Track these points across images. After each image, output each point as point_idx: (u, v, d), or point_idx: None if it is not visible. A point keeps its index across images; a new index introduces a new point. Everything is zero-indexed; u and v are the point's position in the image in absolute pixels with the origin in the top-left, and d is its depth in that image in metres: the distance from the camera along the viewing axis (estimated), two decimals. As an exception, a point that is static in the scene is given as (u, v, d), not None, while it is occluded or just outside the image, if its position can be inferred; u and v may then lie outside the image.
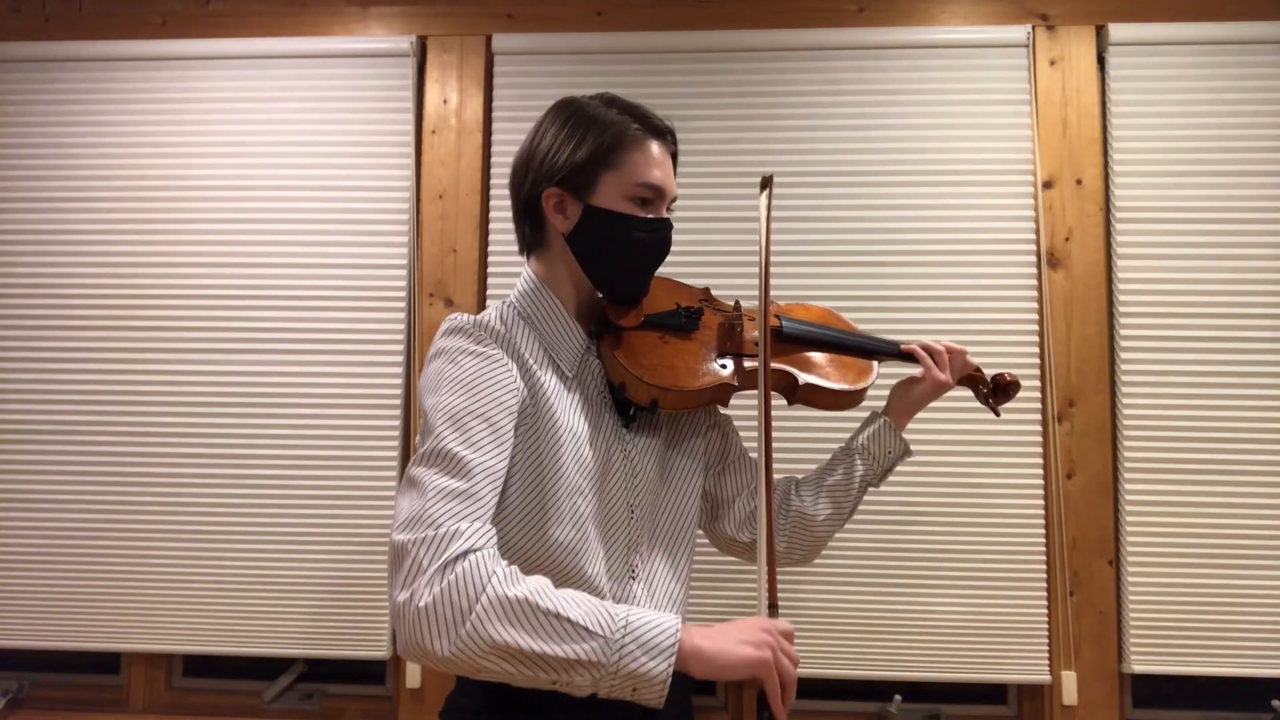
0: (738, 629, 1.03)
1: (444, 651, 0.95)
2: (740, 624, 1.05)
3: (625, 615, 0.99)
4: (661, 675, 0.97)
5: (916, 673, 2.02)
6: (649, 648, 0.97)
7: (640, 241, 1.24)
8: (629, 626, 0.98)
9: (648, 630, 0.98)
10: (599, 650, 0.96)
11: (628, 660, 0.96)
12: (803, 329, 1.40)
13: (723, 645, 1.01)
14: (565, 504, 1.17)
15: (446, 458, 1.06)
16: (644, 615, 1.00)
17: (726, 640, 1.01)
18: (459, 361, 1.14)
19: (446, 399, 1.11)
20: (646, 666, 0.96)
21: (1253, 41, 2.09)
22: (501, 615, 0.96)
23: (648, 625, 0.99)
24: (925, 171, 2.12)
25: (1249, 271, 2.05)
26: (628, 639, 0.97)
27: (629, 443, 1.29)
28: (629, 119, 1.24)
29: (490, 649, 0.96)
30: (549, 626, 0.96)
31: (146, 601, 2.12)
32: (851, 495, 1.41)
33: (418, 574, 0.97)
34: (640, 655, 0.97)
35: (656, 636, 0.98)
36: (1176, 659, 1.99)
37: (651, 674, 0.96)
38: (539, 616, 0.96)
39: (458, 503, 1.02)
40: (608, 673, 0.97)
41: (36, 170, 2.23)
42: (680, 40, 2.18)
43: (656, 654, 0.97)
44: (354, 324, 2.16)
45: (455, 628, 0.95)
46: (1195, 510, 2.01)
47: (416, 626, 0.96)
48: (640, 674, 0.96)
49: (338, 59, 2.23)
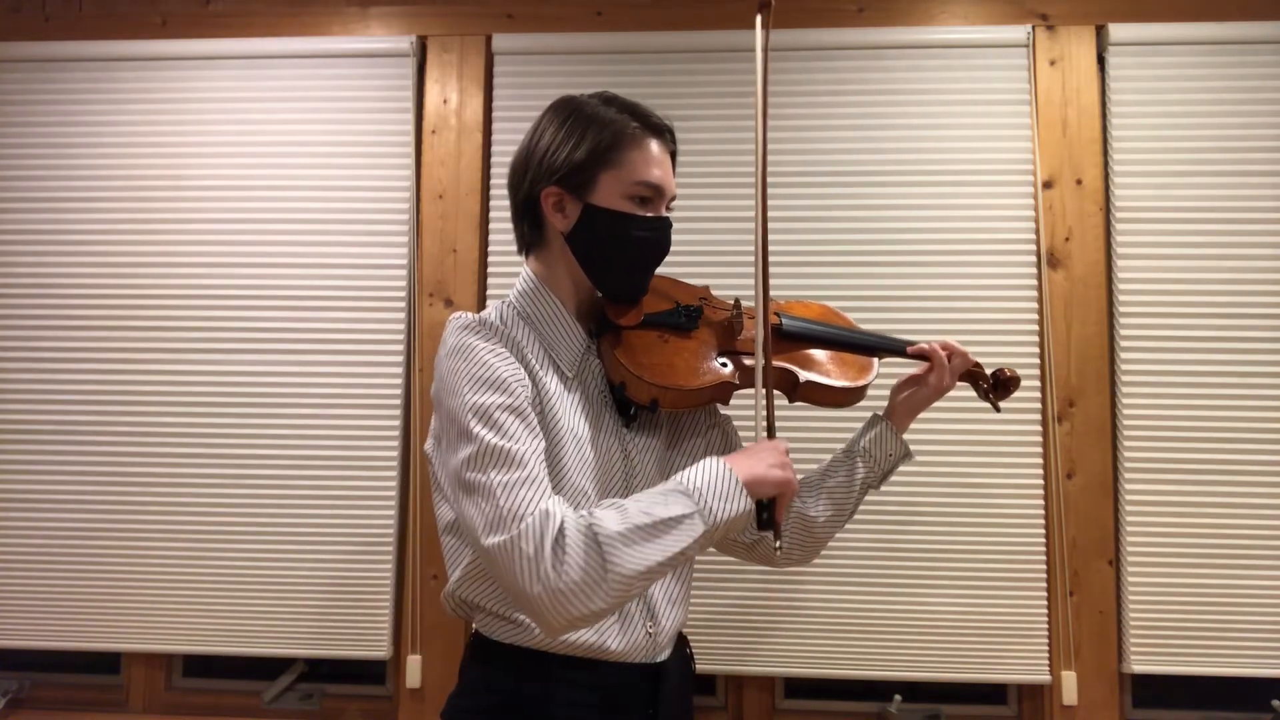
0: (764, 454, 1.16)
1: (605, 605, 1.03)
2: (763, 448, 1.17)
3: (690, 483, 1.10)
4: (747, 508, 1.11)
5: (916, 673, 2.02)
6: (725, 495, 1.09)
7: (640, 240, 1.24)
8: (700, 491, 1.09)
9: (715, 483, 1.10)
10: (699, 522, 1.07)
11: (720, 514, 1.08)
12: (803, 326, 1.40)
13: (759, 471, 1.13)
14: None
15: (495, 454, 1.08)
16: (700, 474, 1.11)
17: (759, 465, 1.13)
18: (475, 358, 1.14)
19: (471, 397, 1.11)
20: (734, 509, 1.09)
21: (1253, 41, 2.09)
22: (626, 550, 1.03)
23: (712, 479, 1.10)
24: (925, 171, 2.12)
25: (1249, 271, 2.05)
26: (708, 499, 1.08)
27: (629, 442, 1.29)
28: (628, 117, 1.24)
29: (638, 576, 1.04)
30: (659, 532, 1.05)
31: (146, 601, 2.12)
32: (852, 497, 1.42)
33: (537, 564, 1.02)
34: (725, 504, 1.09)
35: (722, 485, 1.10)
36: (1176, 659, 1.99)
37: (740, 512, 1.10)
38: (648, 531, 1.05)
39: (526, 489, 1.06)
40: (712, 531, 1.08)
41: (36, 170, 2.23)
42: (680, 40, 2.18)
43: (733, 496, 1.10)
44: (354, 324, 2.16)
45: (601, 583, 1.02)
46: (1195, 510, 2.01)
47: (569, 603, 1.02)
48: (734, 516, 1.09)
49: (338, 59, 2.23)
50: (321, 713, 2.16)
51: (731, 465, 1.11)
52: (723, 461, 1.12)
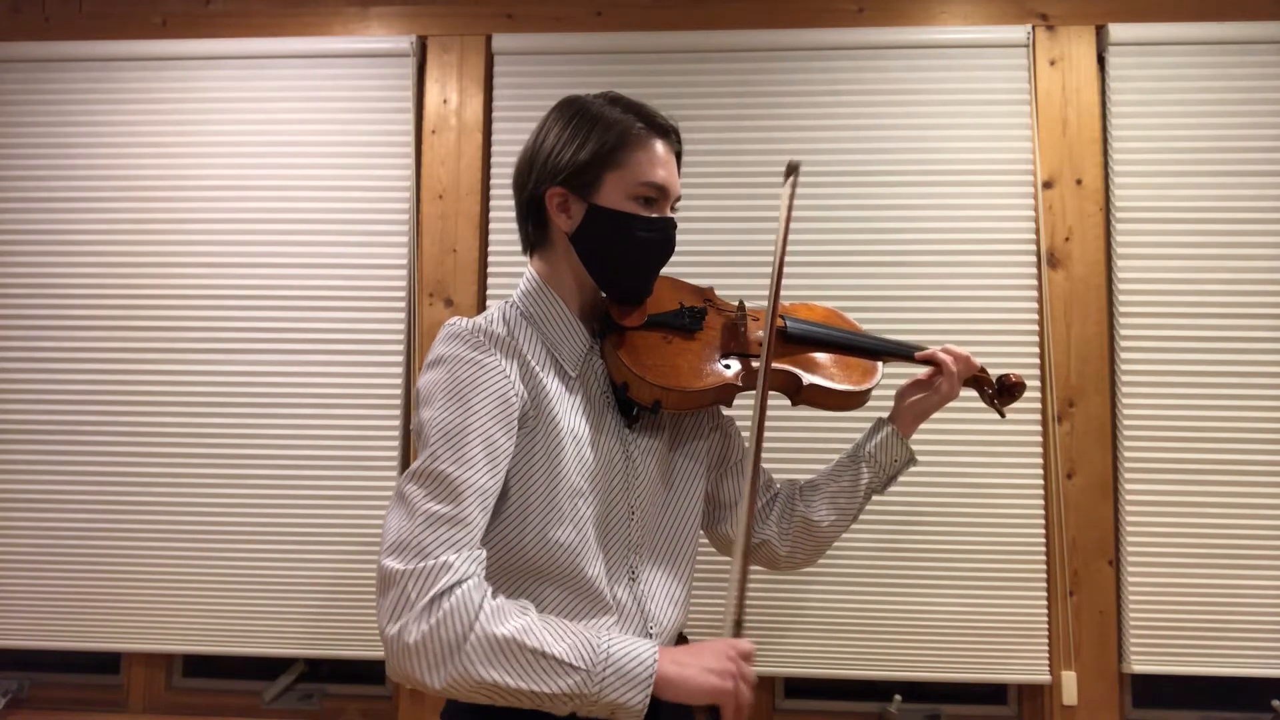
0: (705, 654, 1.08)
1: (435, 684, 0.99)
2: (708, 648, 1.10)
3: (606, 647, 1.03)
4: (639, 705, 1.01)
5: (916, 673, 2.02)
6: (628, 679, 1.01)
7: (644, 241, 1.24)
8: (609, 658, 1.02)
9: (627, 662, 1.02)
10: (581, 684, 1.00)
11: (608, 691, 1.01)
12: (807, 329, 1.39)
13: (689, 674, 1.05)
14: (565, 505, 1.17)
15: (438, 479, 1.06)
16: (624, 646, 1.03)
17: (692, 668, 1.05)
18: (455, 373, 1.13)
19: (441, 413, 1.10)
20: (625, 697, 1.01)
21: (1253, 41, 2.09)
22: (489, 655, 0.99)
23: (626, 656, 1.02)
24: (925, 171, 2.13)
25: (1249, 271, 2.05)
26: (608, 671, 1.01)
27: (631, 443, 1.28)
28: (633, 118, 1.23)
29: (478, 686, 0.99)
30: (534, 664, 1.00)
31: (146, 601, 2.12)
32: (856, 502, 1.41)
33: (407, 607, 0.99)
34: (620, 686, 1.01)
35: (634, 668, 1.02)
36: (1176, 659, 1.99)
37: (630, 704, 1.01)
38: (525, 655, 1.00)
39: (446, 529, 1.03)
40: (589, 702, 1.01)
41: (36, 170, 2.23)
42: (680, 40, 2.18)
43: (634, 685, 1.01)
44: (354, 324, 2.16)
45: (444, 664, 0.98)
46: (1195, 510, 2.01)
47: (407, 660, 0.99)
48: (619, 703, 1.01)
49: (338, 59, 2.23)
50: (321, 713, 2.16)
51: (661, 656, 1.03)
52: (654, 650, 1.04)
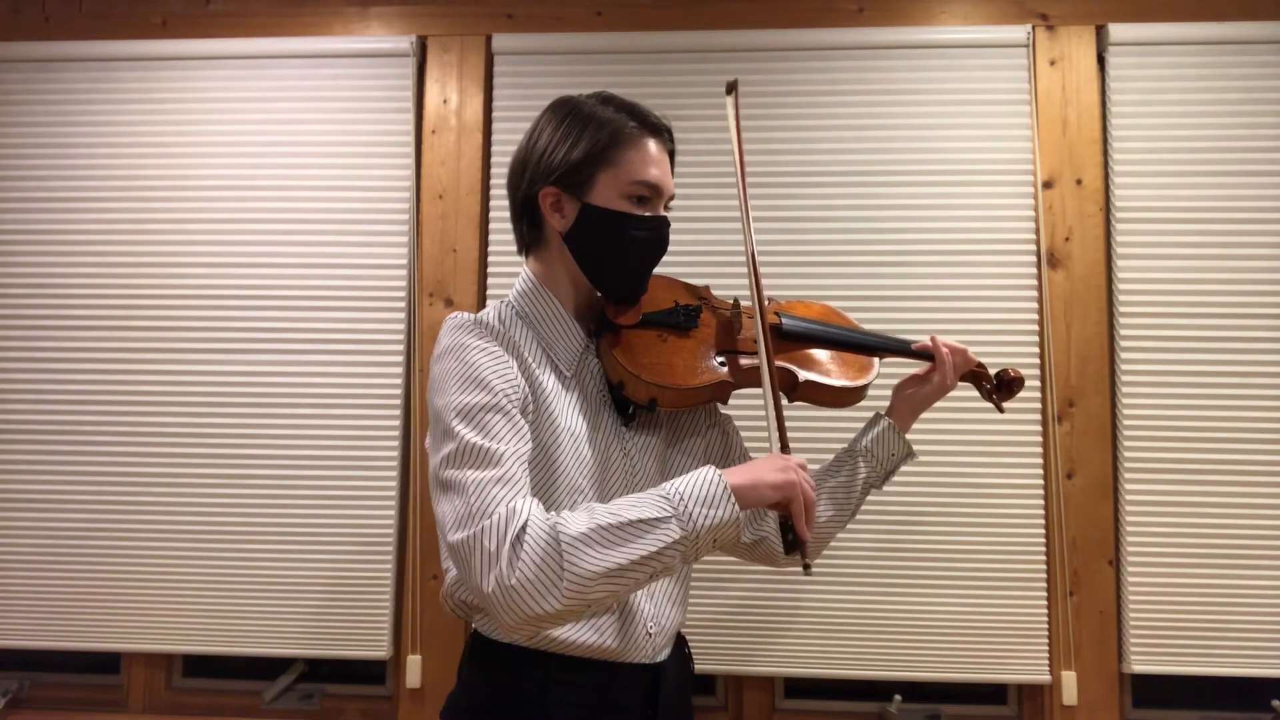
0: (763, 463, 1.12)
1: (557, 606, 1.01)
2: (763, 460, 1.13)
3: (673, 489, 1.07)
4: (733, 516, 1.06)
5: (916, 673, 2.02)
6: (710, 502, 1.05)
7: (638, 240, 1.24)
8: (684, 496, 1.05)
9: (701, 489, 1.06)
10: (676, 527, 1.03)
11: (702, 520, 1.04)
12: (803, 326, 1.39)
13: (756, 477, 1.09)
14: (564, 503, 1.17)
15: (473, 452, 1.07)
16: (687, 482, 1.07)
17: (757, 473, 1.10)
18: (465, 359, 1.14)
19: (457, 397, 1.11)
20: (719, 516, 1.05)
21: (1253, 41, 2.09)
22: (587, 550, 1.01)
23: (698, 487, 1.06)
24: (925, 171, 2.12)
25: (1249, 271, 2.05)
26: (690, 504, 1.05)
27: (628, 441, 1.29)
28: (625, 117, 1.24)
29: (596, 579, 1.01)
30: (627, 534, 1.03)
31: (146, 601, 2.12)
32: (854, 497, 1.42)
33: (494, 560, 1.01)
34: (708, 511, 1.05)
35: (710, 491, 1.06)
36: (1176, 659, 1.99)
37: (726, 520, 1.05)
38: (615, 532, 1.02)
39: (498, 488, 1.05)
40: (692, 540, 1.04)
41: (36, 170, 2.23)
42: (680, 40, 2.18)
43: (719, 503, 1.05)
44: (354, 324, 2.16)
45: (556, 583, 1.00)
46: (1195, 510, 2.01)
47: (520, 601, 1.00)
48: (717, 524, 1.05)
49: (338, 59, 2.23)
50: (321, 713, 2.16)
51: (725, 473, 1.08)
52: (713, 469, 1.09)
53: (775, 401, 1.19)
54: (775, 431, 1.18)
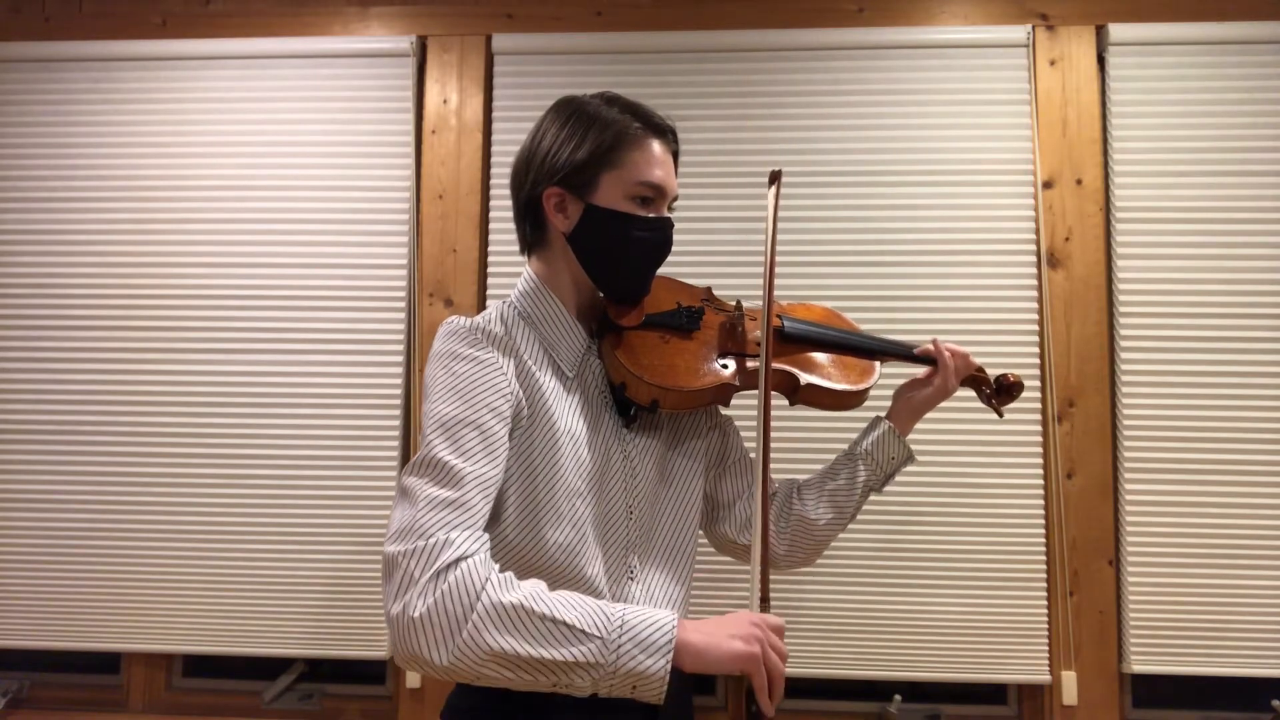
0: (729, 623, 1.03)
1: (442, 660, 0.95)
2: (732, 618, 1.04)
3: (621, 615, 0.99)
4: (660, 673, 0.96)
5: (916, 673, 2.02)
6: (646, 646, 0.97)
7: (641, 241, 1.24)
8: (625, 626, 0.97)
9: (644, 628, 0.97)
10: (596, 652, 0.96)
11: (625, 660, 0.96)
12: (805, 329, 1.39)
13: (713, 640, 1.00)
14: (563, 505, 1.17)
15: (437, 466, 1.06)
16: (639, 614, 0.99)
17: (717, 635, 1.01)
18: (452, 368, 1.14)
19: (439, 406, 1.11)
20: (645, 665, 0.96)
21: (1253, 41, 2.09)
22: (498, 622, 0.95)
23: (644, 624, 0.98)
24: (925, 171, 2.12)
25: (1249, 271, 2.05)
26: (624, 638, 0.97)
27: (629, 443, 1.28)
28: (630, 118, 1.23)
29: (488, 656, 0.95)
30: (546, 631, 0.96)
31: (146, 601, 2.12)
32: (854, 500, 1.41)
33: (410, 585, 0.97)
34: (638, 654, 0.96)
35: (653, 635, 0.97)
36: (1176, 659, 1.99)
37: (650, 672, 0.96)
38: (535, 621, 0.96)
39: (448, 511, 1.02)
40: (606, 673, 0.96)
41: (36, 170, 2.23)
42: (680, 40, 2.18)
43: (653, 652, 0.96)
44: (354, 324, 2.16)
45: (452, 637, 0.95)
46: (1195, 510, 2.01)
47: (412, 637, 0.95)
48: (639, 672, 0.96)
49: (338, 59, 2.23)
50: (321, 713, 2.16)
51: (684, 625, 0.99)
52: (673, 617, 0.99)
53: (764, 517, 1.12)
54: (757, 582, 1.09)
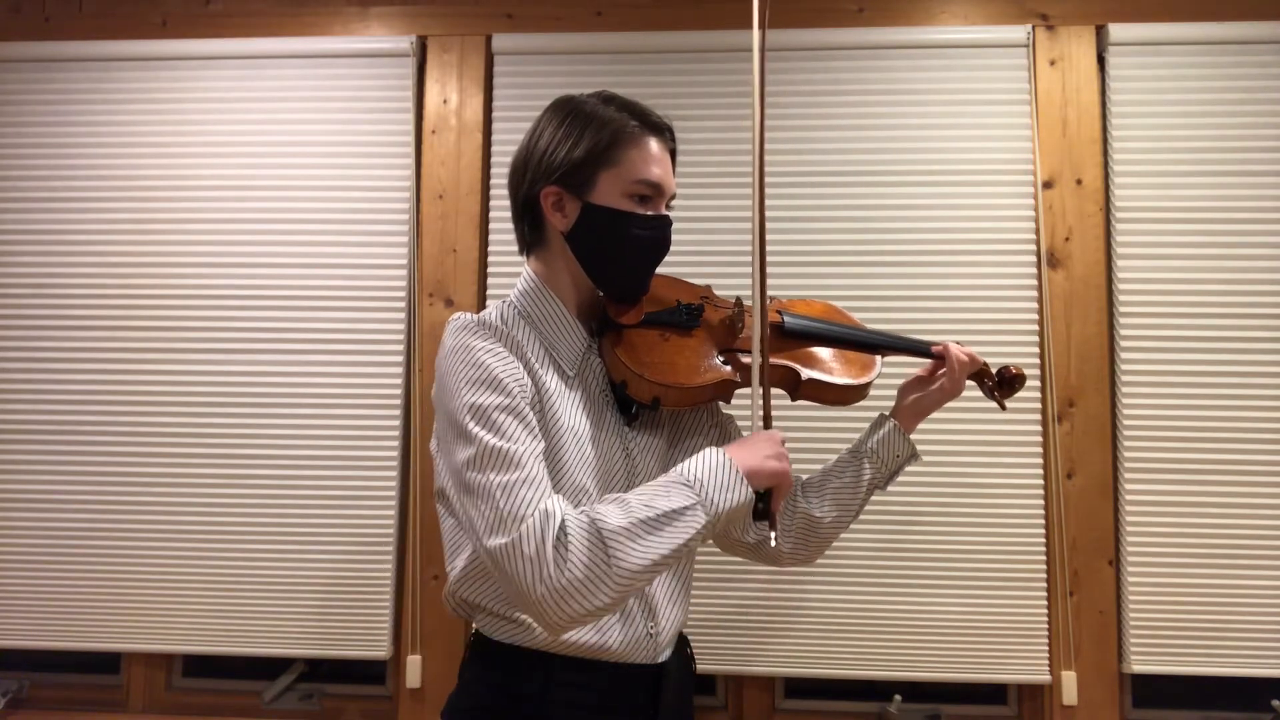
0: (761, 445, 1.16)
1: (607, 601, 1.04)
2: (758, 440, 1.17)
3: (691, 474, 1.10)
4: (748, 498, 1.11)
5: (916, 673, 2.02)
6: (726, 486, 1.10)
7: (639, 239, 1.24)
8: (701, 482, 1.09)
9: (713, 474, 1.10)
10: (700, 513, 1.07)
11: (721, 505, 1.09)
12: (805, 324, 1.40)
13: (758, 461, 1.13)
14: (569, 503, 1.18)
15: (494, 455, 1.08)
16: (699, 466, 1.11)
17: (758, 456, 1.14)
18: (473, 359, 1.14)
19: (470, 398, 1.12)
20: (735, 499, 1.10)
21: (1253, 41, 2.09)
22: (630, 544, 1.04)
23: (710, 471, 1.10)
24: (925, 171, 2.12)
25: (1249, 271, 2.05)
26: (709, 490, 1.09)
27: (630, 441, 1.29)
28: (627, 116, 1.24)
29: (641, 572, 1.04)
30: (662, 526, 1.06)
31: (146, 601, 2.12)
32: (858, 498, 1.41)
33: (538, 564, 1.02)
34: (726, 494, 1.09)
35: (722, 476, 1.10)
36: (1176, 659, 1.99)
37: (741, 502, 1.10)
38: (651, 525, 1.06)
39: (524, 489, 1.06)
40: (713, 522, 1.08)
41: (36, 170, 2.23)
42: (680, 40, 2.18)
43: (734, 486, 1.10)
44: (354, 324, 2.16)
45: (605, 579, 1.03)
46: (1195, 510, 2.01)
47: (570, 600, 1.02)
48: (734, 507, 1.10)
49: (338, 59, 2.23)
50: (321, 713, 2.16)
51: (733, 455, 1.12)
52: (722, 452, 1.12)
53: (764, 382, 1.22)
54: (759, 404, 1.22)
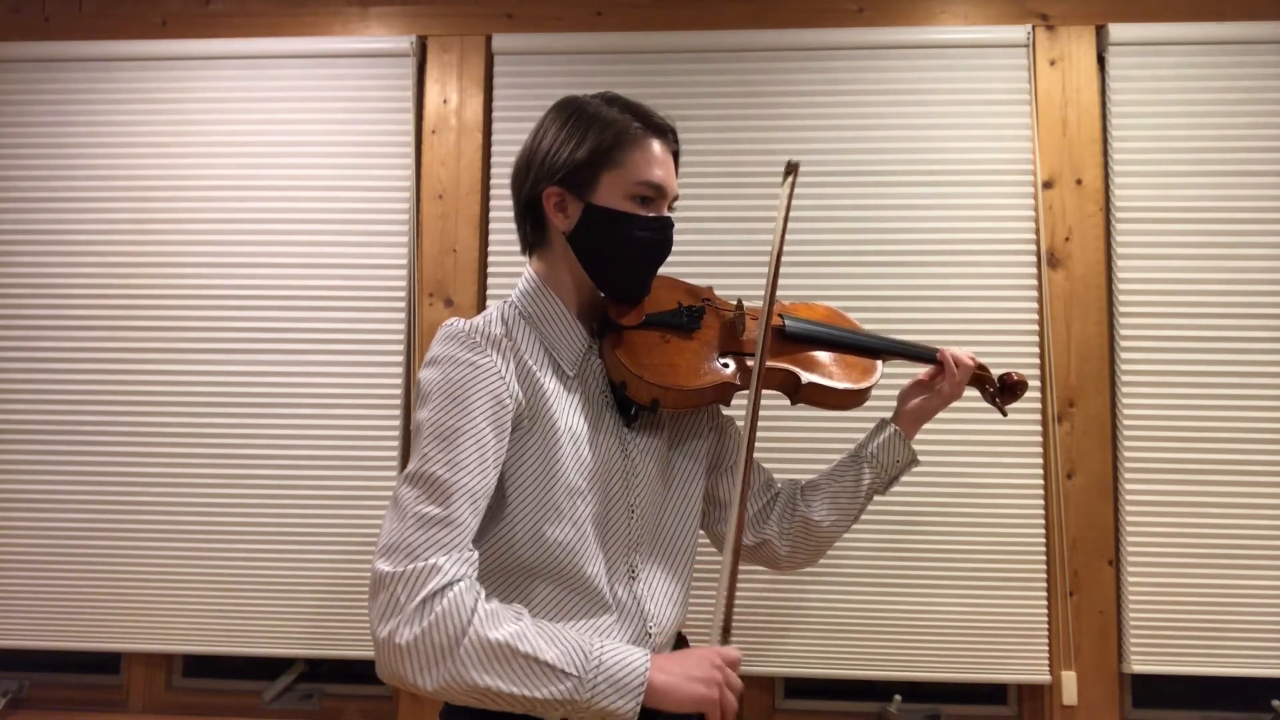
0: (692, 664, 1.08)
1: (427, 686, 0.99)
2: (695, 656, 1.10)
3: (599, 654, 1.03)
4: (630, 713, 1.02)
5: (916, 673, 2.02)
6: (619, 686, 1.02)
7: (641, 240, 1.24)
8: (601, 665, 1.02)
9: (619, 670, 1.02)
10: (573, 690, 1.00)
11: (599, 698, 1.01)
12: (806, 328, 1.39)
13: (676, 682, 1.05)
14: (564, 504, 1.17)
15: (428, 481, 1.06)
16: (616, 653, 1.04)
17: (679, 676, 1.06)
18: (449, 374, 1.13)
19: (436, 414, 1.11)
20: (616, 704, 1.01)
21: (1253, 41, 2.09)
22: (482, 659, 0.99)
23: (619, 664, 1.03)
24: (925, 171, 2.12)
25: (1249, 271, 2.05)
26: (600, 678, 1.01)
27: (630, 443, 1.28)
28: (630, 117, 1.24)
29: (470, 689, 0.99)
30: (528, 670, 1.00)
31: (146, 601, 2.12)
32: (858, 502, 1.41)
33: (396, 610, 0.99)
34: (610, 693, 1.01)
35: (626, 676, 1.02)
36: (1176, 659, 1.99)
37: (620, 711, 1.01)
38: (519, 661, 1.00)
39: (436, 530, 1.04)
40: (580, 708, 1.01)
41: (36, 170, 2.23)
42: (680, 40, 2.18)
43: (625, 693, 1.02)
44: (354, 324, 2.16)
45: (437, 666, 0.98)
46: (1195, 510, 2.01)
47: (398, 662, 0.99)
48: (610, 710, 1.01)
49: (338, 59, 2.23)
50: (321, 713, 2.16)
51: (652, 665, 1.04)
52: (646, 658, 1.04)
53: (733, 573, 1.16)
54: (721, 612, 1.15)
